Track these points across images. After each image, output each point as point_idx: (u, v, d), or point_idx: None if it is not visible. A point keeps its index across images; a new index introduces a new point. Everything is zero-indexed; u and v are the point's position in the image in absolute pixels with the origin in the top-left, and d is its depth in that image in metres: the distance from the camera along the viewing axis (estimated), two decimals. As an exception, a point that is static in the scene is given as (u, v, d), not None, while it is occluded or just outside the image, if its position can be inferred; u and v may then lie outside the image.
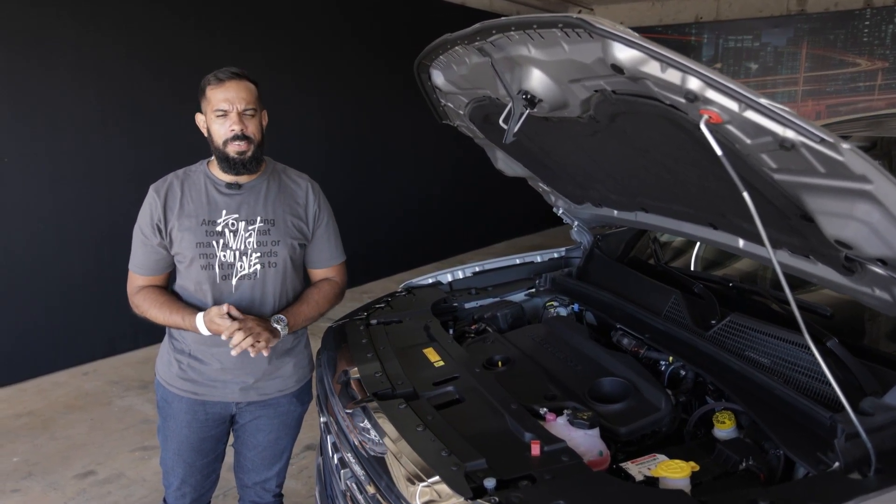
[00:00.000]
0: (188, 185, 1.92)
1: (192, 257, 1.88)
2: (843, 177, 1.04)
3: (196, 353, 1.96)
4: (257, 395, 2.00)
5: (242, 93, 1.84)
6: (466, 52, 1.70)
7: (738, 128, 1.11)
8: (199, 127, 1.94)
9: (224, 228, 1.90)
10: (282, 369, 2.02)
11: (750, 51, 7.56)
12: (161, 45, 4.85)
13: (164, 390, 2.03)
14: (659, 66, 1.11)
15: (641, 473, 1.41)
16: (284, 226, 1.95)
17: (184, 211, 1.89)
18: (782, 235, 1.44)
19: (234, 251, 1.89)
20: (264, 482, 2.16)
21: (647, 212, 2.01)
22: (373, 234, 6.63)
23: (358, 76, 6.28)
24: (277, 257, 1.93)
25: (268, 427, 2.06)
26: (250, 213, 1.92)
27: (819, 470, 1.30)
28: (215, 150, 1.88)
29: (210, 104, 1.85)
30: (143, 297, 1.94)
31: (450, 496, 1.23)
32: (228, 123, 1.83)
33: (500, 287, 2.49)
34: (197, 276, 1.89)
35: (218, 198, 1.92)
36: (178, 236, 1.89)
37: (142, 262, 1.95)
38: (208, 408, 2.00)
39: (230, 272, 1.89)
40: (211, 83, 1.85)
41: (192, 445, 2.01)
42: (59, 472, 3.28)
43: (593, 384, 1.73)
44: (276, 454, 2.13)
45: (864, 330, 1.92)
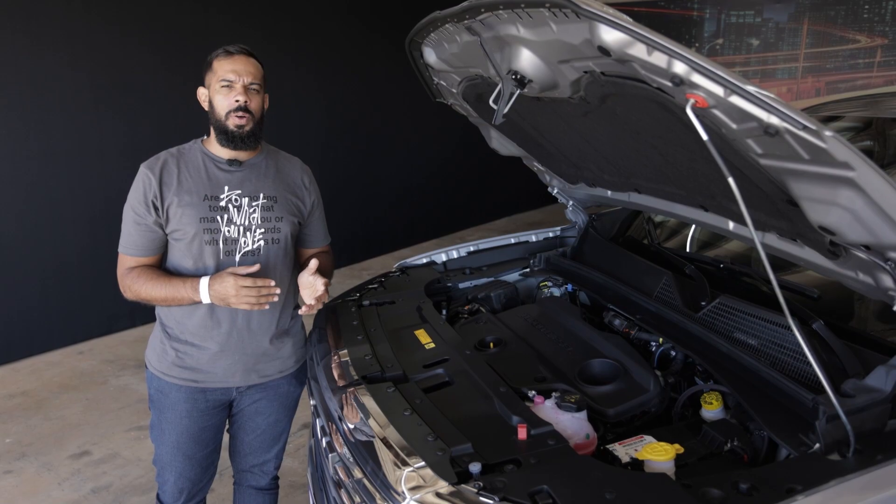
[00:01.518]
0: (184, 162, 1.90)
1: (195, 233, 1.85)
2: (827, 163, 1.04)
3: (192, 338, 1.92)
4: (258, 377, 1.99)
5: (250, 67, 1.85)
6: (457, 30, 1.68)
7: (724, 113, 1.11)
8: (200, 101, 1.92)
9: (228, 204, 1.88)
10: (281, 350, 2.01)
11: (752, 27, 7.47)
12: (155, 21, 4.79)
13: (160, 381, 1.97)
14: (645, 48, 1.10)
15: (628, 455, 1.43)
16: (286, 203, 1.96)
17: (183, 187, 1.87)
18: (770, 219, 1.44)
19: (238, 226, 1.89)
20: (263, 464, 2.16)
21: (641, 193, 2.00)
22: (373, 211, 6.62)
23: (357, 53, 6.21)
24: (280, 233, 1.94)
25: (267, 410, 2.06)
26: (253, 189, 1.92)
27: (800, 451, 1.31)
28: (215, 122, 1.87)
29: (216, 75, 1.85)
30: (135, 276, 1.89)
31: (435, 481, 1.24)
32: (233, 94, 1.83)
33: (495, 267, 2.49)
34: (199, 251, 1.87)
35: (219, 174, 1.91)
36: (177, 212, 1.85)
37: (135, 242, 1.90)
38: (209, 395, 1.97)
39: (234, 248, 1.88)
40: (220, 55, 1.86)
41: (192, 436, 1.98)
42: (53, 453, 3.29)
43: (583, 366, 1.74)
44: (275, 436, 2.12)
45: (851, 312, 1.93)
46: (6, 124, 4.25)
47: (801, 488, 1.16)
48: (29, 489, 3.02)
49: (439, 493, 1.23)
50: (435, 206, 7.28)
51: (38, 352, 4.48)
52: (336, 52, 6.08)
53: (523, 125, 2.08)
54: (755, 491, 1.17)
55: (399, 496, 1.25)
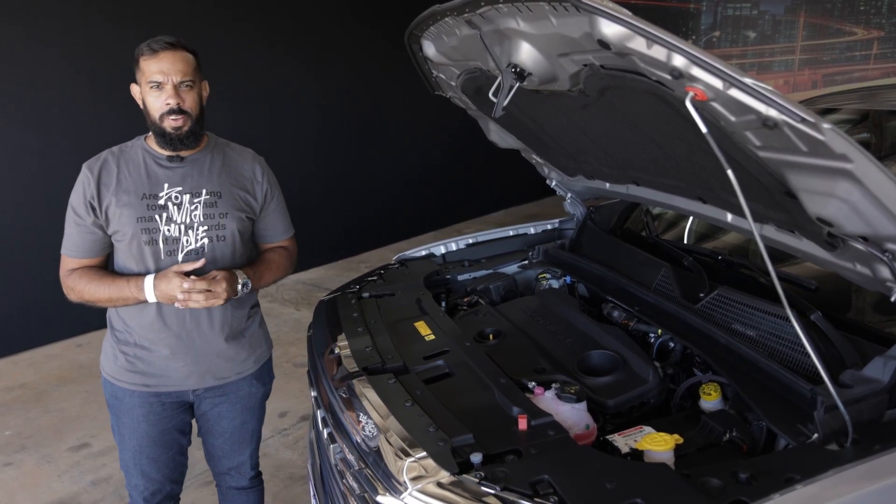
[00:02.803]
0: (124, 161, 1.85)
1: (133, 233, 1.80)
2: (825, 155, 1.05)
3: (142, 341, 1.87)
4: (214, 379, 1.94)
5: (178, 64, 1.75)
6: (456, 23, 1.68)
7: (722, 105, 1.11)
8: (135, 98, 1.85)
9: (167, 202, 1.82)
10: (237, 351, 1.96)
11: (748, 19, 7.47)
12: (153, 17, 4.77)
13: (113, 386, 1.92)
14: (644, 42, 1.11)
15: (627, 445, 1.44)
16: (232, 198, 1.90)
17: (121, 186, 1.81)
18: (768, 211, 1.45)
19: (178, 225, 1.83)
20: (238, 467, 2.12)
21: (639, 185, 2.01)
22: (370, 204, 6.62)
23: (355, 47, 6.20)
24: (226, 230, 1.88)
25: (230, 413, 2.01)
26: (195, 185, 1.86)
27: (799, 441, 1.32)
28: (151, 124, 1.80)
29: (144, 75, 1.76)
30: (77, 277, 1.84)
31: (436, 471, 1.25)
32: (164, 96, 1.75)
33: (494, 259, 2.50)
34: (139, 253, 1.82)
35: (158, 171, 1.85)
36: (115, 213, 1.80)
37: (76, 243, 1.85)
38: (164, 399, 1.92)
39: (175, 247, 1.83)
40: (144, 53, 1.75)
41: (153, 440, 1.93)
42: (53, 445, 3.30)
43: (582, 357, 1.75)
44: (245, 438, 2.08)
45: (848, 303, 1.94)
46: (5, 120, 4.24)
47: (799, 478, 1.17)
48: (29, 481, 3.03)
49: (441, 482, 1.24)
50: (432, 198, 7.28)
51: (36, 344, 4.49)
52: (333, 46, 6.06)
53: (522, 118, 2.08)
54: (754, 480, 1.18)
55: (401, 486, 1.26)
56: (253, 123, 5.45)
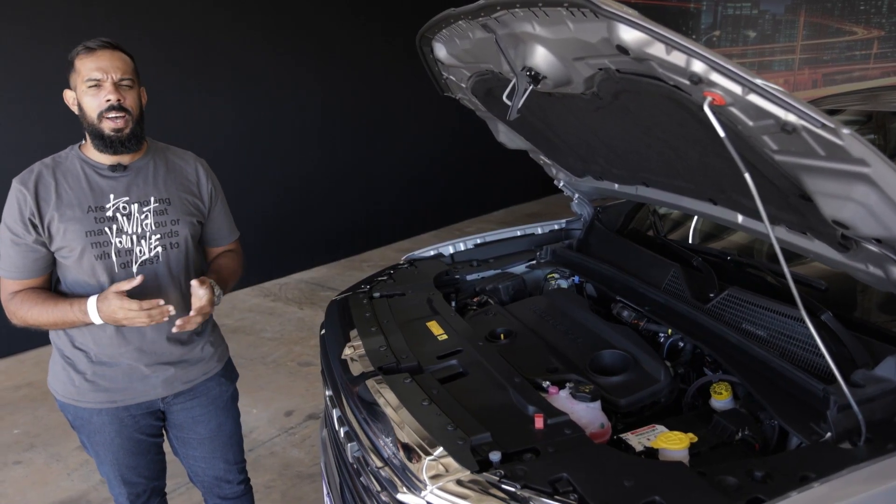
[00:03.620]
0: (61, 173, 1.76)
1: (83, 248, 1.73)
2: (843, 160, 1.06)
3: (100, 357, 1.81)
4: (182, 383, 1.91)
5: (117, 62, 1.71)
6: (470, 26, 1.70)
7: (740, 110, 1.13)
8: (69, 104, 1.77)
9: (115, 213, 1.77)
10: (200, 352, 1.94)
11: (748, 18, 7.50)
12: (155, 15, 4.79)
13: (76, 409, 1.85)
14: (664, 48, 1.13)
15: (641, 444, 1.46)
16: (181, 204, 1.87)
17: (62, 201, 1.73)
18: (781, 213, 1.47)
19: (130, 236, 1.78)
20: (225, 475, 2.08)
21: (648, 186, 2.03)
22: (372, 204, 6.64)
23: (356, 46, 6.21)
24: (179, 237, 1.85)
25: (205, 416, 1.98)
26: (141, 194, 1.81)
27: (812, 440, 1.34)
28: (89, 127, 1.73)
29: (80, 75, 1.69)
30: (19, 301, 1.75)
31: (456, 469, 1.27)
32: (103, 94, 1.69)
33: (502, 259, 2.51)
34: (91, 268, 1.75)
35: (101, 182, 1.78)
36: (59, 228, 1.72)
37: (15, 264, 1.75)
38: (132, 410, 1.87)
39: (129, 259, 1.78)
40: (80, 53, 1.70)
41: (128, 450, 1.90)
42: (61, 444, 3.32)
43: (594, 356, 1.77)
44: (224, 441, 2.04)
45: (854, 303, 1.96)
46: (11, 118, 4.25)
47: (814, 476, 1.19)
48: (39, 479, 3.05)
49: (461, 480, 1.25)
50: (433, 198, 7.30)
51: (41, 343, 4.48)
52: (335, 46, 6.07)
53: (532, 119, 2.10)
54: (770, 479, 1.20)
55: (421, 484, 1.28)
56: (255, 123, 5.46)
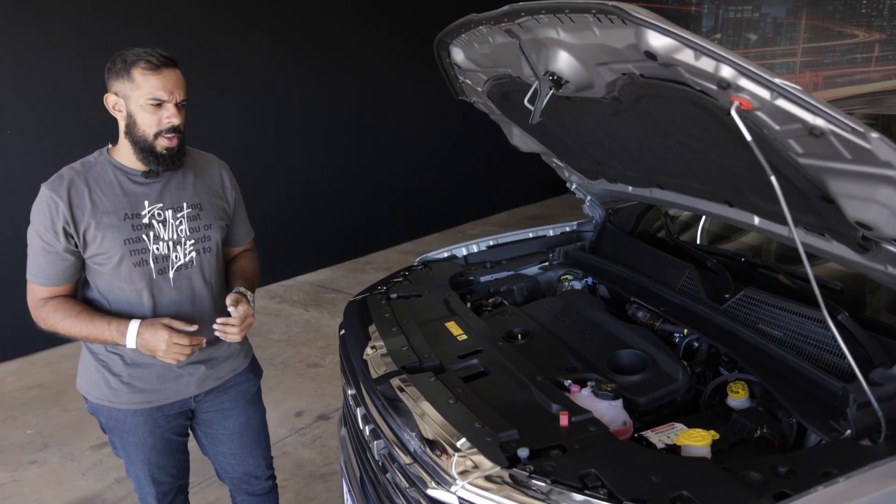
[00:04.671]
0: (93, 179, 1.75)
1: (122, 256, 1.73)
2: (869, 163, 1.09)
3: (135, 359, 1.82)
4: (213, 381, 1.95)
5: (180, 82, 1.71)
6: (490, 31, 1.73)
7: (767, 114, 1.16)
8: (112, 110, 1.73)
9: (151, 220, 1.78)
10: (228, 349, 1.98)
11: (749, 21, 7.54)
12: (163, 16, 4.82)
13: (110, 410, 1.86)
14: (693, 53, 1.15)
15: (662, 442, 1.48)
16: (211, 208, 1.89)
17: (98, 208, 1.72)
18: (800, 214, 1.50)
19: (166, 242, 1.80)
20: (254, 470, 2.11)
21: (663, 188, 2.05)
22: (376, 206, 6.67)
23: (361, 49, 6.24)
24: (211, 241, 1.88)
25: (234, 411, 2.02)
26: (175, 200, 1.82)
27: (832, 437, 1.37)
28: (139, 140, 1.72)
29: (140, 90, 1.66)
30: (51, 309, 1.75)
31: (486, 465, 1.30)
32: (165, 114, 1.69)
33: (515, 261, 2.54)
34: (129, 275, 1.76)
35: (135, 188, 1.78)
36: (96, 236, 1.72)
37: (45, 271, 1.74)
38: (166, 410, 1.90)
39: (166, 265, 1.80)
40: (142, 67, 1.66)
41: (160, 450, 1.94)
42: (75, 444, 3.34)
43: (612, 356, 1.79)
44: (254, 437, 2.08)
45: (863, 304, 1.99)
46: (22, 121, 4.27)
47: (837, 472, 1.21)
48: (54, 479, 3.07)
49: (490, 476, 1.28)
50: (436, 200, 7.34)
51: (52, 345, 4.51)
52: (340, 48, 6.11)
53: (548, 122, 2.11)
54: (793, 474, 1.23)
55: (451, 479, 1.30)
56: (260, 126, 5.49)
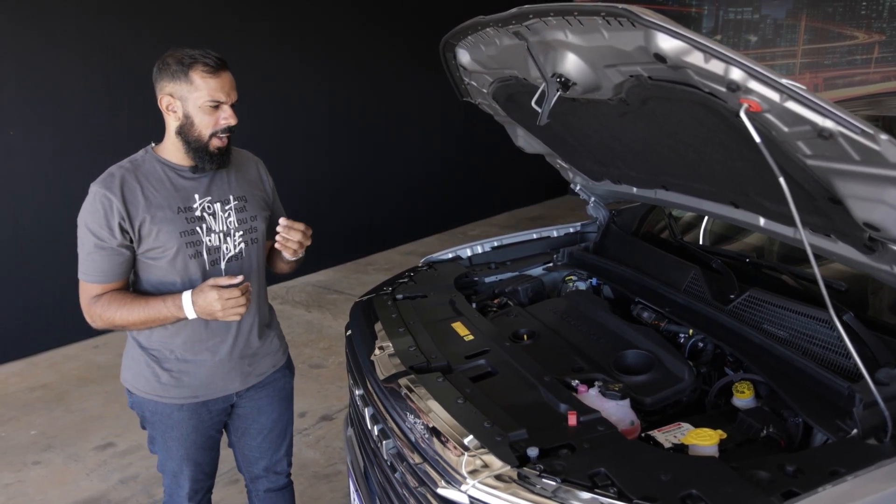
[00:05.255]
0: (143, 176, 1.79)
1: (178, 248, 1.79)
2: (878, 164, 1.10)
3: (185, 354, 1.87)
4: (256, 377, 2.00)
5: (233, 83, 1.77)
6: (498, 33, 1.74)
7: (776, 116, 1.17)
8: (167, 110, 1.77)
9: (202, 213, 1.84)
10: (270, 344, 2.03)
11: (749, 23, 7.56)
12: (166, 17, 4.82)
13: (156, 404, 1.90)
14: (702, 56, 1.16)
15: (669, 441, 1.49)
16: (255, 200, 1.95)
17: (151, 203, 1.77)
18: (806, 216, 1.51)
19: (218, 234, 1.86)
20: (275, 465, 2.16)
21: (668, 189, 2.06)
22: (376, 207, 6.68)
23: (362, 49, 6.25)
24: (257, 232, 1.94)
25: (269, 407, 2.06)
26: (221, 193, 1.88)
27: (838, 436, 1.38)
28: (193, 140, 1.77)
29: (199, 92, 1.72)
30: (105, 303, 1.78)
31: (496, 465, 1.31)
32: (222, 115, 1.76)
33: (519, 261, 2.55)
34: (184, 266, 1.81)
35: (184, 183, 1.83)
36: (151, 230, 1.76)
37: (101, 268, 1.77)
38: (211, 406, 1.95)
39: (218, 256, 1.86)
40: (201, 69, 1.71)
41: (199, 446, 1.97)
42: (79, 445, 3.35)
43: (618, 356, 1.80)
44: (281, 433, 2.13)
45: (865, 304, 2.00)
46: (23, 122, 4.28)
47: (844, 471, 1.22)
48: (58, 479, 3.07)
49: (501, 475, 1.29)
50: (437, 201, 7.35)
51: (55, 345, 4.53)
52: (342, 50, 6.12)
53: (553, 124, 2.12)
54: (801, 473, 1.24)
55: (461, 478, 1.31)
56: (262, 126, 5.49)
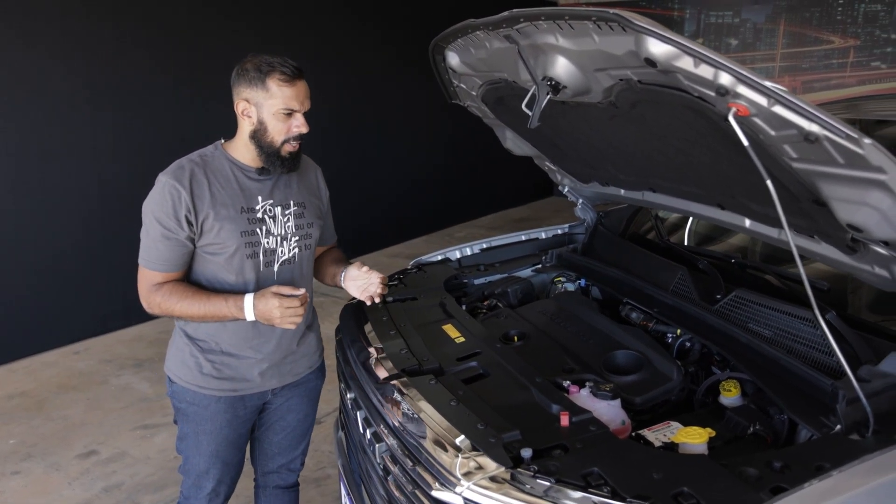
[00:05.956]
0: (211, 173, 1.82)
1: (237, 247, 1.81)
2: (861, 167, 1.13)
3: (229, 348, 1.89)
4: (292, 376, 2.02)
5: (308, 92, 1.82)
6: (488, 36, 1.75)
7: (763, 120, 1.19)
8: (242, 114, 1.81)
9: (264, 215, 1.86)
10: (308, 346, 2.05)
11: (730, 27, 7.67)
12: (148, 19, 4.78)
13: (195, 394, 1.91)
14: (692, 61, 1.19)
15: (659, 440, 1.51)
16: (312, 208, 1.99)
17: (216, 199, 1.80)
18: (791, 217, 1.53)
19: (276, 237, 1.88)
20: (290, 462, 2.18)
21: (656, 192, 2.09)
22: (363, 209, 6.67)
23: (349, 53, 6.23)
24: (312, 239, 1.97)
25: (298, 406, 2.09)
26: (283, 198, 1.91)
27: (822, 433, 1.41)
28: (266, 145, 1.80)
29: (275, 99, 1.75)
30: (166, 292, 1.80)
31: (491, 466, 1.32)
32: (295, 123, 1.80)
33: (508, 263, 2.57)
34: (241, 265, 1.84)
35: (250, 184, 1.86)
36: (213, 226, 1.79)
37: (164, 257, 1.80)
38: (247, 401, 1.97)
39: (272, 259, 1.88)
40: (278, 78, 1.74)
41: (231, 442, 1.98)
42: (60, 453, 3.29)
43: (608, 357, 1.82)
44: (304, 432, 2.16)
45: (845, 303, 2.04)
46: (1, 123, 4.21)
47: (829, 466, 1.25)
48: (39, 489, 3.02)
49: (495, 477, 1.30)
50: (424, 203, 7.37)
51: (33, 352, 4.46)
52: (328, 51, 6.10)
53: (543, 127, 2.14)
54: (788, 469, 1.26)
55: (456, 480, 1.32)
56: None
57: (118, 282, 4.73)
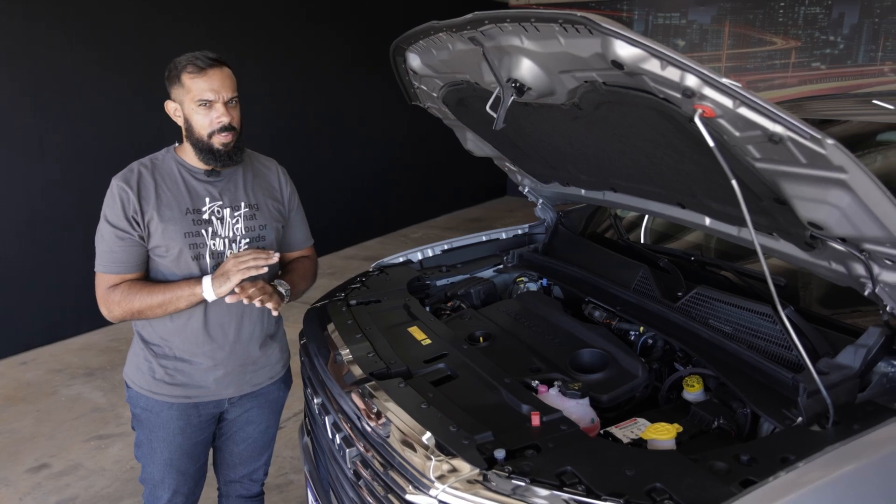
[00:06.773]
0: (159, 174, 1.83)
1: (181, 248, 1.80)
2: (822, 167, 1.17)
3: (182, 354, 1.88)
4: (251, 386, 1.98)
5: (227, 81, 1.77)
6: (451, 38, 1.75)
7: (728, 122, 1.22)
8: (171, 115, 1.83)
9: (210, 216, 1.84)
10: (270, 356, 2.01)
11: (678, 28, 7.86)
12: (96, 20, 4.62)
13: (148, 400, 1.90)
14: (659, 63, 1.20)
15: (627, 437, 1.54)
16: (267, 210, 1.95)
17: (161, 201, 1.80)
18: (752, 215, 1.57)
19: (223, 239, 1.85)
20: (252, 473, 2.15)
21: (617, 191, 2.12)
22: (317, 211, 6.55)
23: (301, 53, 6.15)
24: (265, 242, 1.93)
25: (258, 418, 2.05)
26: (233, 199, 1.88)
27: (785, 425, 1.45)
28: (196, 141, 1.79)
29: (190, 93, 1.74)
30: (123, 291, 1.79)
31: (465, 468, 1.31)
32: (214, 114, 1.76)
33: (470, 264, 2.57)
34: (187, 268, 1.82)
35: (197, 185, 1.85)
36: (158, 228, 1.79)
37: (120, 259, 1.79)
38: (202, 409, 1.93)
39: (221, 261, 1.85)
40: (189, 71, 1.74)
41: (185, 452, 1.94)
42: (9, 468, 3.16)
43: (573, 355, 1.84)
44: (266, 443, 2.12)
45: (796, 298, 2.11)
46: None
47: (794, 457, 1.29)
48: (-13, 507, 2.90)
49: (469, 479, 1.30)
50: (378, 205, 7.33)
51: (-24, 364, 4.27)
52: (282, 52, 6.01)
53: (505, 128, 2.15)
54: (755, 462, 1.29)
55: (431, 483, 1.31)
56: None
57: (66, 288, 4.56)
